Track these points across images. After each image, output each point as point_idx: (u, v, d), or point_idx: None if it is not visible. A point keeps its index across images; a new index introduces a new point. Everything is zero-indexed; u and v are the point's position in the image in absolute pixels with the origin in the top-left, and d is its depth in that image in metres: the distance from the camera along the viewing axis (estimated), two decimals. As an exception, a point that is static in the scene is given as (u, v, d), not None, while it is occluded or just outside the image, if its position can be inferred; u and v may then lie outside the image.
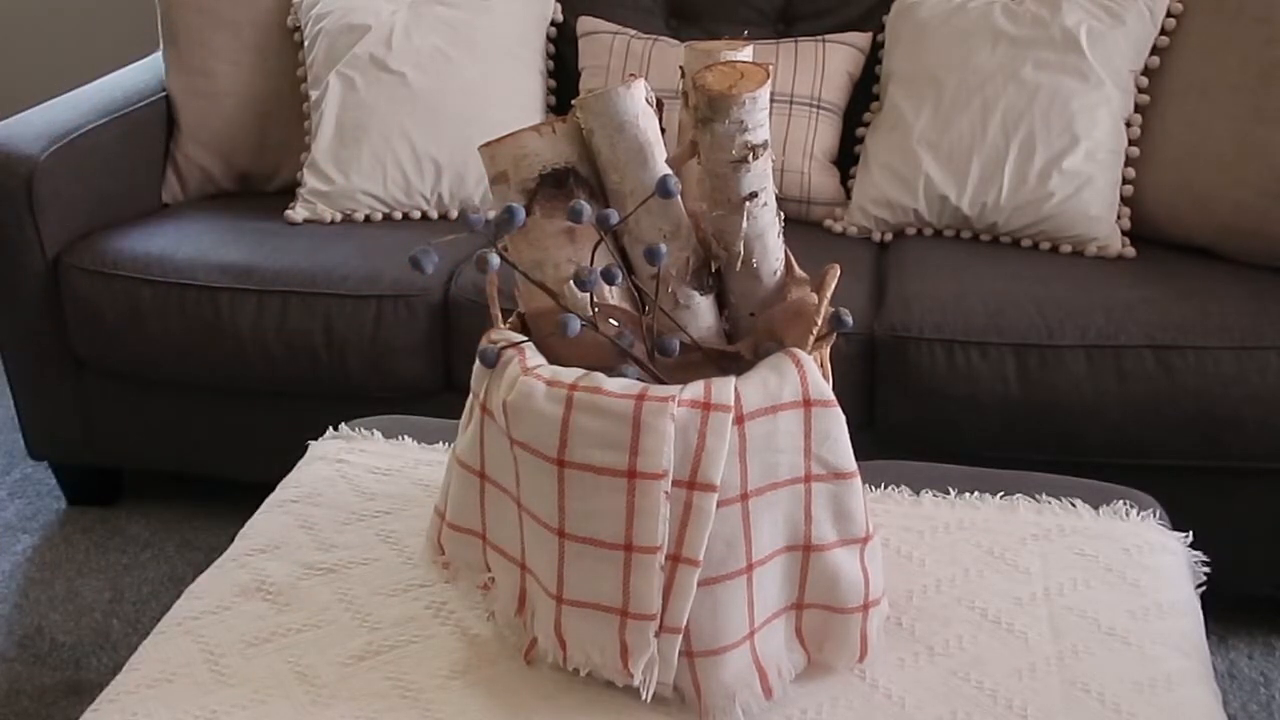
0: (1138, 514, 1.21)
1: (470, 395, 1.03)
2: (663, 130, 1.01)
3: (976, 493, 1.24)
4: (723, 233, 0.97)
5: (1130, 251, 2.07)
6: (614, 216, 0.94)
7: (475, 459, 1.02)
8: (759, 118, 0.92)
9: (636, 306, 1.00)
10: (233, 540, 1.20)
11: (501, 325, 1.02)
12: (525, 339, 0.99)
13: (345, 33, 2.33)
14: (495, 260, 0.93)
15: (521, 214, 0.92)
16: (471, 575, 1.08)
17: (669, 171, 0.99)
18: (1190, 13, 2.13)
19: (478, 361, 1.01)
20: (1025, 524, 1.19)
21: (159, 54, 2.48)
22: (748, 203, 0.95)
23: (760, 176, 0.95)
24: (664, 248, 0.96)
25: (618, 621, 0.93)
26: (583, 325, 0.94)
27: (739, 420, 0.91)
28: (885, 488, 1.26)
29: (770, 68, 0.94)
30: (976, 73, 2.13)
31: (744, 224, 0.96)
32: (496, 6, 2.38)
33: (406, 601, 1.09)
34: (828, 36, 2.29)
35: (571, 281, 0.95)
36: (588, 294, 0.95)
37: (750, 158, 0.93)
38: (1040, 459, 1.78)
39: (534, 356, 0.97)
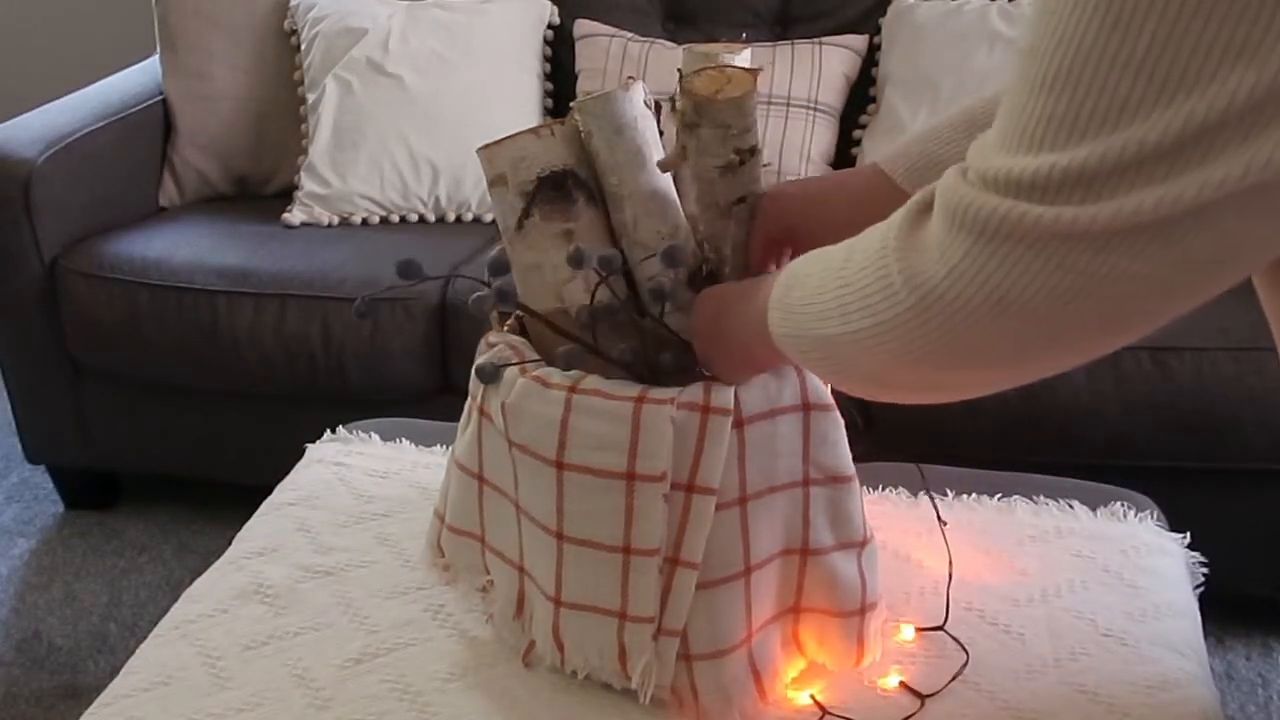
0: (1135, 515, 1.21)
1: (468, 398, 1.03)
2: (661, 133, 1.01)
3: (974, 494, 1.24)
4: (713, 237, 0.97)
5: (1127, 253, 2.07)
6: (616, 261, 0.94)
7: (473, 461, 1.02)
8: (746, 123, 0.92)
9: (633, 308, 1.00)
10: (230, 543, 1.20)
11: (499, 328, 1.02)
12: (524, 341, 0.99)
13: (342, 36, 2.33)
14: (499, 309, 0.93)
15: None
16: (471, 578, 1.08)
17: (667, 175, 0.99)
18: (1186, 15, 2.13)
19: (476, 362, 1.01)
20: (1023, 525, 1.19)
21: (156, 57, 2.48)
22: (736, 207, 0.95)
23: (749, 181, 0.95)
24: (679, 251, 0.96)
25: (616, 624, 0.93)
26: (586, 353, 0.94)
27: (738, 424, 0.91)
28: (883, 490, 1.26)
29: (758, 72, 0.93)
30: (973, 75, 2.13)
31: (733, 229, 0.96)
32: (493, 10, 2.38)
33: (405, 604, 1.09)
34: (824, 39, 2.30)
35: (569, 283, 0.95)
36: (585, 318, 0.95)
37: (738, 162, 0.93)
38: (1037, 460, 1.78)
39: (532, 358, 0.97)
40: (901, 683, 0.99)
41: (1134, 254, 0.56)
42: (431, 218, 2.31)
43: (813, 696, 0.97)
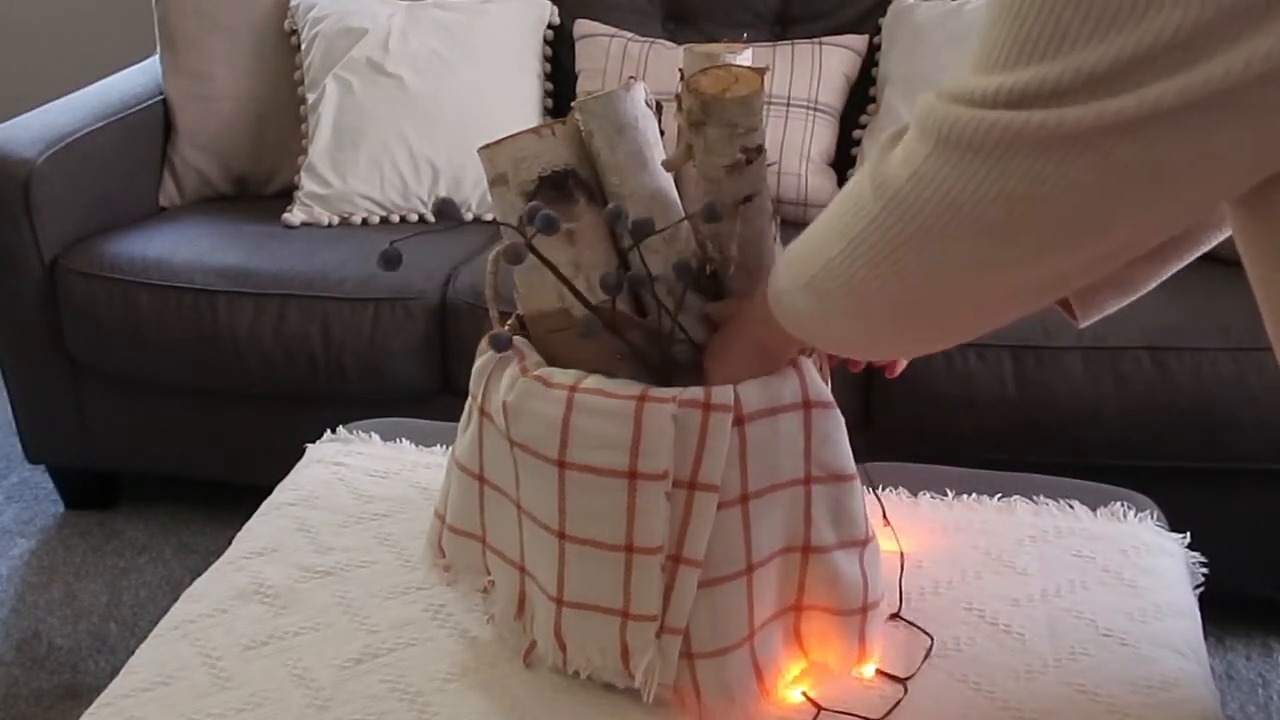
0: (1135, 515, 1.21)
1: (469, 398, 1.03)
2: (662, 133, 1.01)
3: (974, 494, 1.25)
4: (718, 236, 0.97)
5: (1127, 253, 2.07)
6: (649, 226, 0.94)
7: (474, 462, 1.02)
8: (753, 121, 0.92)
9: (636, 309, 1.00)
10: (230, 543, 1.20)
11: (500, 327, 1.02)
12: (524, 338, 0.99)
13: (342, 36, 2.33)
14: (525, 254, 0.93)
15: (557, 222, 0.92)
16: (472, 578, 1.07)
17: (669, 175, 0.99)
18: (1186, 15, 2.13)
19: (477, 363, 1.01)
20: (1023, 525, 1.20)
21: (156, 57, 2.48)
22: (742, 206, 0.95)
23: (755, 180, 0.95)
24: (693, 263, 0.96)
25: (619, 623, 0.93)
26: (604, 327, 0.94)
27: (739, 422, 0.91)
28: (883, 489, 1.26)
29: (766, 71, 0.93)
30: (973, 75, 2.13)
31: (738, 227, 0.96)
32: (493, 10, 2.38)
33: (405, 604, 1.09)
34: (824, 39, 2.30)
35: (598, 284, 0.95)
36: (608, 294, 0.95)
37: (745, 161, 0.93)
38: (1038, 460, 1.78)
39: (534, 358, 0.97)
40: (878, 670, 1.00)
41: (1071, 161, 0.61)
42: (431, 218, 2.31)
43: (804, 694, 0.97)
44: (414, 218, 2.30)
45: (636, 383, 0.93)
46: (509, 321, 1.03)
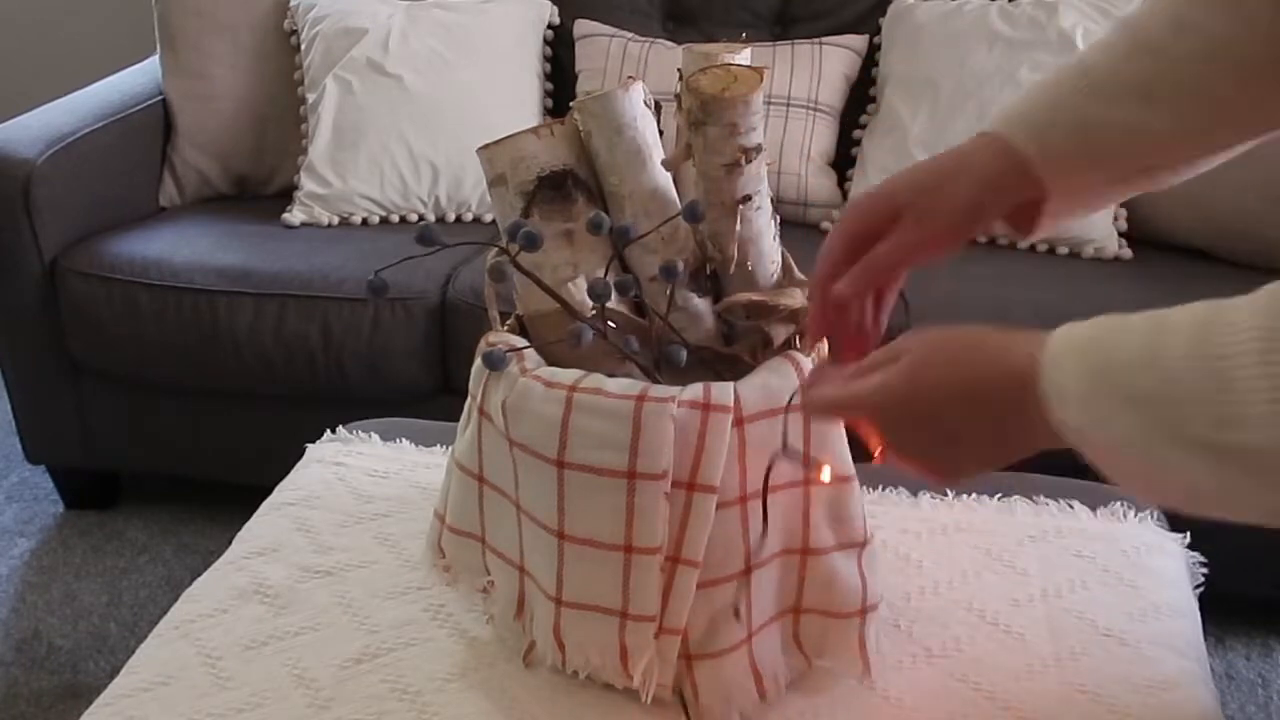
0: (1135, 515, 1.21)
1: (468, 398, 1.03)
2: (660, 133, 1.01)
3: (974, 494, 1.24)
4: (717, 235, 0.97)
5: (1127, 253, 2.07)
6: (633, 231, 0.94)
7: (474, 462, 1.02)
8: (752, 121, 0.92)
9: (634, 308, 1.00)
10: (230, 543, 1.20)
11: (500, 328, 1.02)
12: (525, 343, 0.99)
13: (342, 36, 2.33)
14: (510, 271, 0.93)
15: (540, 240, 0.92)
16: (472, 578, 1.07)
17: (668, 175, 0.99)
18: (1186, 15, 2.13)
19: (476, 364, 1.01)
20: (1023, 525, 1.19)
21: (156, 58, 2.48)
22: (741, 205, 0.95)
23: (754, 179, 0.95)
24: (680, 265, 0.96)
25: (617, 623, 0.93)
26: (595, 334, 0.94)
27: (738, 422, 0.91)
28: (883, 489, 1.26)
29: (765, 71, 0.94)
30: (973, 75, 2.13)
31: (738, 227, 0.96)
32: (493, 10, 2.38)
33: (404, 604, 1.09)
34: (824, 39, 2.30)
35: (585, 291, 0.95)
36: (596, 302, 0.95)
37: (744, 161, 0.93)
38: (1037, 460, 1.78)
39: (532, 358, 0.97)
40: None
41: None
42: (431, 217, 2.31)
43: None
44: (414, 218, 2.30)
45: (636, 382, 0.93)
46: (508, 322, 1.03)
